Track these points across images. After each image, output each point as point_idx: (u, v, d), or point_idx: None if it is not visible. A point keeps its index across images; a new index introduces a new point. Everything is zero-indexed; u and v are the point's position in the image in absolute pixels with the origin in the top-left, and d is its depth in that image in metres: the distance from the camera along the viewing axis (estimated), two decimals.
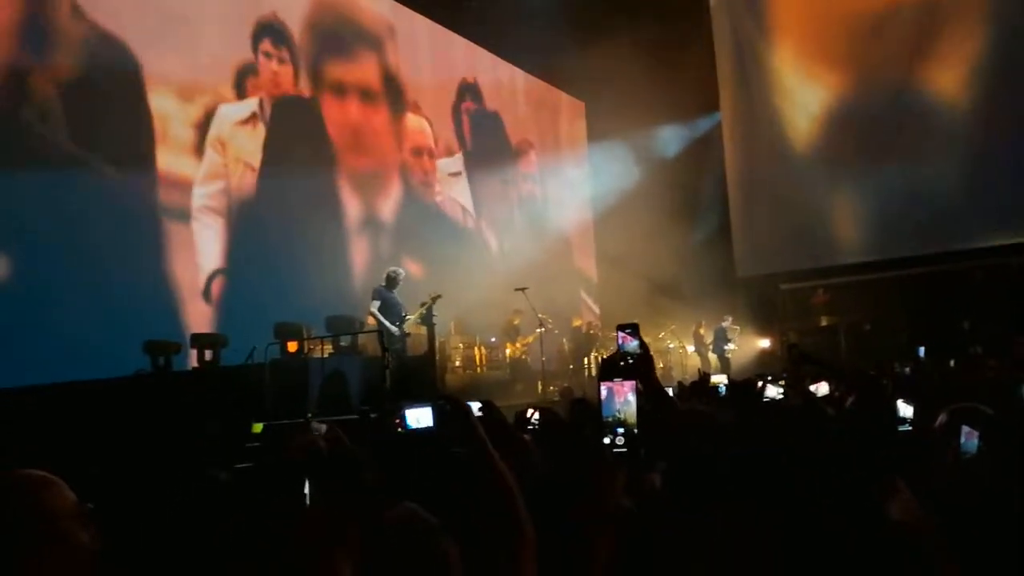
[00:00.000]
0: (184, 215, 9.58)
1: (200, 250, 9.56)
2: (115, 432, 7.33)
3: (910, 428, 2.97)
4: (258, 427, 7.06)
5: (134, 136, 9.23)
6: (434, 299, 8.96)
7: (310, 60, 11.63)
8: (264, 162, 10.56)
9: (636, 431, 1.93)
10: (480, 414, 2.96)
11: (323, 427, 3.48)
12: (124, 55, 9.14)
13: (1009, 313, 11.93)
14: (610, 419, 1.96)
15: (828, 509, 1.77)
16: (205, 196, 9.84)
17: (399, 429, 2.16)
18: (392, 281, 8.95)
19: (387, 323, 8.64)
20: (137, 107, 9.24)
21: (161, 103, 9.44)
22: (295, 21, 11.47)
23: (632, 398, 1.94)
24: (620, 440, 1.93)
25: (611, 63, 14.50)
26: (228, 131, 10.23)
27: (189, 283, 9.49)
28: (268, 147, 10.62)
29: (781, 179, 15.00)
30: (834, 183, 14.44)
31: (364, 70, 12.59)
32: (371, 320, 9.05)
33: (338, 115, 11.91)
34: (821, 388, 4.15)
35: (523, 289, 10.87)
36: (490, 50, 15.57)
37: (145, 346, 8.69)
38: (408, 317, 8.90)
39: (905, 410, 3.03)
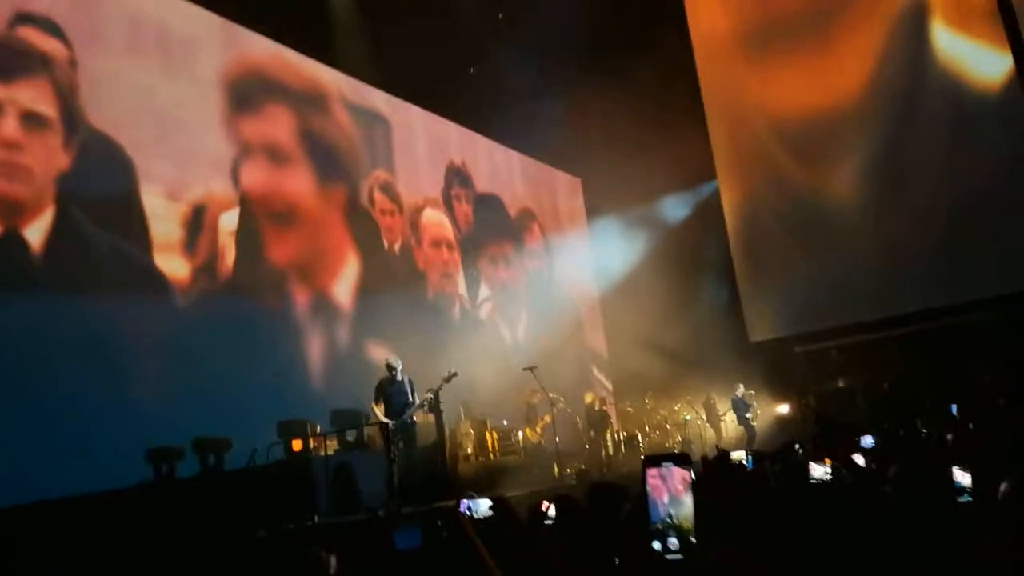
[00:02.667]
0: (181, 317, 9.38)
1: (195, 350, 9.29)
2: (121, 548, 7.09)
3: (970, 499, 2.67)
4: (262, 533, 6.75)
5: (128, 237, 9.15)
6: (447, 379, 8.41)
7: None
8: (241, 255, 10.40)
9: (694, 537, 1.55)
10: (492, 513, 2.67)
11: None
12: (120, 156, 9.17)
13: None
14: (658, 525, 1.57)
15: None
16: (204, 297, 9.70)
17: (388, 549, 1.89)
18: (390, 370, 8.45)
19: (380, 415, 8.17)
20: (130, 206, 9.19)
21: (152, 202, 9.39)
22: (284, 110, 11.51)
23: (688, 495, 1.55)
24: (674, 544, 1.55)
25: (604, 138, 14.64)
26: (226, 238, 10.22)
27: (190, 385, 9.21)
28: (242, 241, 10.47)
29: (783, 240, 14.85)
30: (839, 237, 14.17)
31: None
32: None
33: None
34: (856, 458, 3.83)
35: (531, 369, 10.60)
36: (482, 133, 15.72)
37: (148, 454, 8.44)
38: (413, 404, 8.33)
39: (962, 478, 2.73)
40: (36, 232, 8.29)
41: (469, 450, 10.38)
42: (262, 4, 10.85)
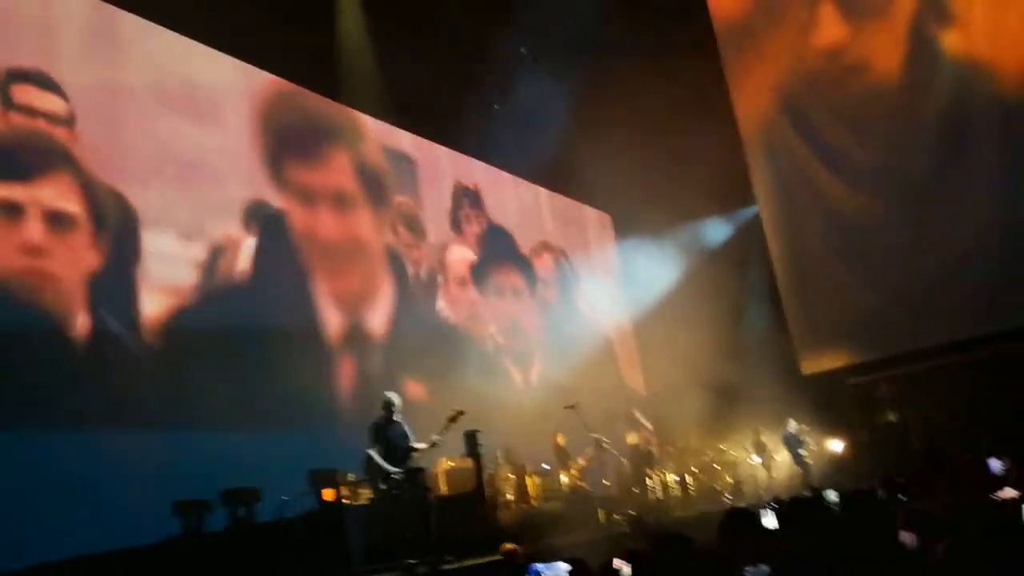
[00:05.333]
0: (203, 363, 8.99)
1: (221, 395, 8.89)
2: None
3: None
4: None
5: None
6: (452, 418, 7.51)
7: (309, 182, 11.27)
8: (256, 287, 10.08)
9: None
10: None
11: None
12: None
13: None
14: None
15: None
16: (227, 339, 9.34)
17: None
18: (388, 410, 7.46)
19: (385, 466, 7.18)
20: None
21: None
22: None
23: None
24: None
25: (635, 170, 14.25)
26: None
27: (215, 435, 8.79)
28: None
29: (831, 264, 14.22)
30: (890, 260, 13.50)
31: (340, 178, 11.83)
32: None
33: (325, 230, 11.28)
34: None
35: (572, 406, 10.07)
36: (508, 170, 15.45)
37: (175, 507, 8.09)
38: (417, 446, 7.41)
39: None
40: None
41: (509, 496, 9.83)
42: (276, 47, 10.71)
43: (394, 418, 7.50)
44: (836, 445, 13.69)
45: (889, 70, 13.73)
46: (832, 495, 4.01)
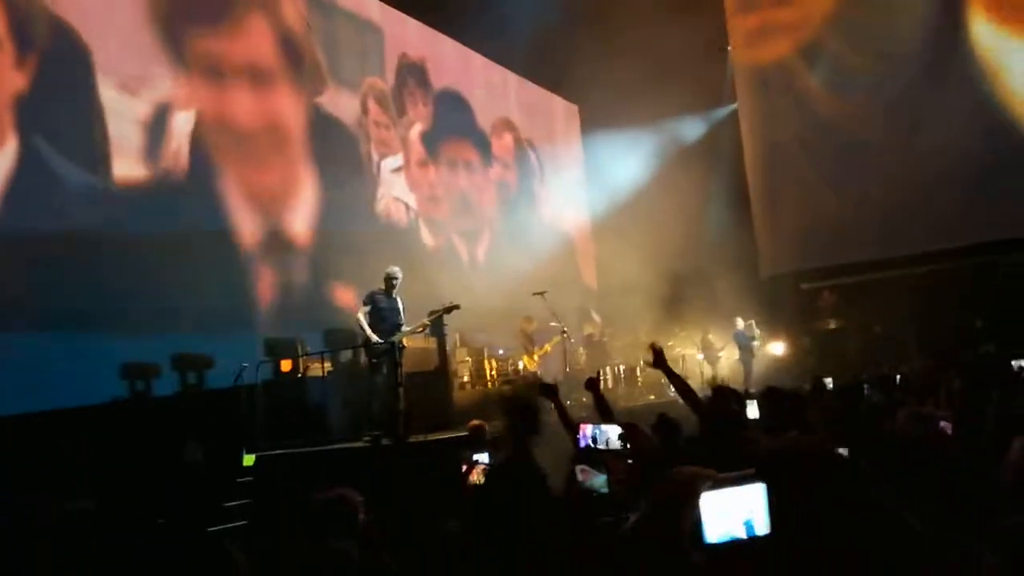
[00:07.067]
0: (148, 222, 8.44)
1: (176, 262, 8.48)
2: (90, 466, 6.65)
3: None
4: (250, 459, 6.27)
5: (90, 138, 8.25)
6: (447, 309, 7.71)
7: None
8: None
9: None
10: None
11: None
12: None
13: None
14: None
15: None
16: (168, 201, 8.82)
17: None
18: (389, 283, 7.50)
19: (369, 332, 7.28)
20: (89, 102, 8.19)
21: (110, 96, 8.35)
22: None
23: None
24: None
25: (609, 58, 13.81)
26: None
27: (166, 299, 8.44)
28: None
29: (807, 165, 14.20)
30: (869, 166, 13.59)
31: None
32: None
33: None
34: None
35: (542, 293, 10.05)
36: (478, 51, 14.84)
37: (122, 370, 7.89)
38: (404, 328, 7.49)
39: None
40: None
41: (466, 378, 9.88)
42: None
43: (393, 293, 7.50)
44: (777, 348, 14.02)
45: None
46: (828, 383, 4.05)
